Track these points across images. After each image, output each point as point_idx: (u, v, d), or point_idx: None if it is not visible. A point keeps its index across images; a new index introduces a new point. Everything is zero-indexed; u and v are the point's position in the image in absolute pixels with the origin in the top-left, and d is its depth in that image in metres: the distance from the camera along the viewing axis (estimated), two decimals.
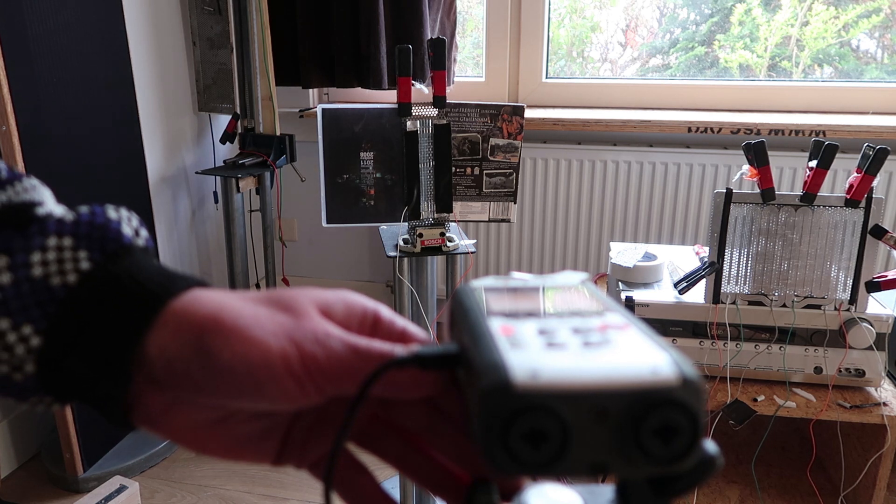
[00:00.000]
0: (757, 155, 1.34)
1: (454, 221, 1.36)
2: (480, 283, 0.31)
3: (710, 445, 0.25)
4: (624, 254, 1.57)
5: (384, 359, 0.30)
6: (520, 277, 0.32)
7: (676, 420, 0.24)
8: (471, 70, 2.49)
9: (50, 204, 0.34)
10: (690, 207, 2.21)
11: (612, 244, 1.67)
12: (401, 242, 1.33)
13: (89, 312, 0.30)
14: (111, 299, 0.30)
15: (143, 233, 0.35)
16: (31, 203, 0.33)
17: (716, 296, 1.40)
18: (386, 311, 0.33)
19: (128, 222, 0.34)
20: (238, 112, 2.08)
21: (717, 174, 2.17)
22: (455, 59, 2.29)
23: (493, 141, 1.31)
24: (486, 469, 0.26)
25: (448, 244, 1.31)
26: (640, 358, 0.25)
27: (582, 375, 0.24)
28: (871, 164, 1.29)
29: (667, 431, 0.24)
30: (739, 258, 1.38)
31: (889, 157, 1.32)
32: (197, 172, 2.12)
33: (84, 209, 0.33)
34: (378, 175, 1.31)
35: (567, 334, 0.27)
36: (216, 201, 2.36)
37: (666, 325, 1.41)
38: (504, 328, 0.27)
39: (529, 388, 0.23)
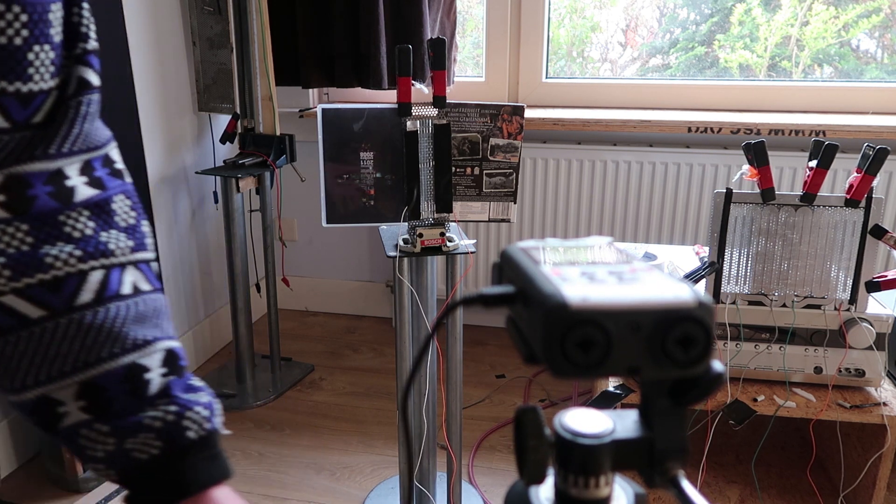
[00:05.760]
0: (757, 155, 1.34)
1: (454, 221, 1.35)
2: (525, 244, 0.38)
3: (717, 364, 0.32)
4: None
5: None
6: (555, 240, 0.38)
7: (694, 332, 0.30)
8: (471, 70, 2.49)
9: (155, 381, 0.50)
10: (690, 207, 2.21)
11: None
12: (401, 242, 1.33)
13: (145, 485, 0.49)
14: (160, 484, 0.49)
15: (209, 424, 0.51)
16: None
17: (716, 296, 1.40)
18: None
19: (196, 419, 0.50)
20: (238, 112, 2.08)
21: (717, 174, 2.17)
22: (455, 59, 2.29)
23: (493, 141, 1.31)
24: (550, 373, 0.31)
25: (448, 244, 1.31)
26: (665, 288, 0.31)
27: (621, 299, 0.30)
28: (871, 164, 1.29)
29: (686, 341, 0.30)
30: (739, 258, 1.38)
31: (889, 157, 1.32)
32: (197, 172, 2.12)
33: (175, 404, 0.50)
34: (378, 175, 1.31)
35: (604, 274, 0.33)
36: (216, 201, 2.36)
37: None
38: (554, 271, 0.33)
39: (581, 307, 0.29)
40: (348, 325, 2.65)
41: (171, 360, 0.51)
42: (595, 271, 0.33)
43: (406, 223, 1.33)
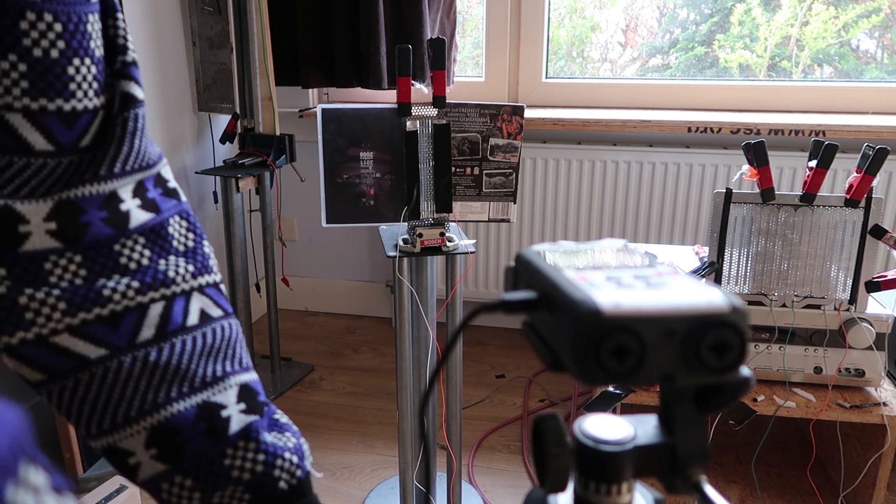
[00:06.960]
0: (757, 155, 1.34)
1: (454, 221, 1.35)
2: (540, 248, 0.36)
3: (744, 369, 0.31)
4: None
5: None
6: (569, 244, 0.37)
7: (729, 338, 0.29)
8: (471, 70, 2.49)
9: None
10: (690, 207, 2.21)
11: None
12: (400, 242, 1.33)
13: None
14: None
15: (300, 471, 0.47)
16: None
17: None
18: None
19: (287, 469, 0.47)
20: (238, 112, 2.08)
21: (717, 174, 2.17)
22: (455, 59, 2.29)
23: (492, 141, 1.31)
24: (579, 381, 0.31)
25: (448, 244, 1.31)
26: (697, 293, 0.30)
27: (654, 305, 0.29)
28: (871, 164, 1.29)
29: (721, 347, 0.29)
30: (739, 258, 1.38)
31: (889, 157, 1.32)
32: (197, 172, 2.12)
33: (262, 452, 0.46)
34: (378, 175, 1.31)
35: (631, 279, 0.32)
36: (216, 201, 2.36)
37: None
38: (579, 276, 0.32)
39: (615, 314, 0.29)
40: (348, 325, 2.65)
41: (247, 395, 0.47)
42: (621, 276, 0.32)
43: (406, 223, 1.33)
